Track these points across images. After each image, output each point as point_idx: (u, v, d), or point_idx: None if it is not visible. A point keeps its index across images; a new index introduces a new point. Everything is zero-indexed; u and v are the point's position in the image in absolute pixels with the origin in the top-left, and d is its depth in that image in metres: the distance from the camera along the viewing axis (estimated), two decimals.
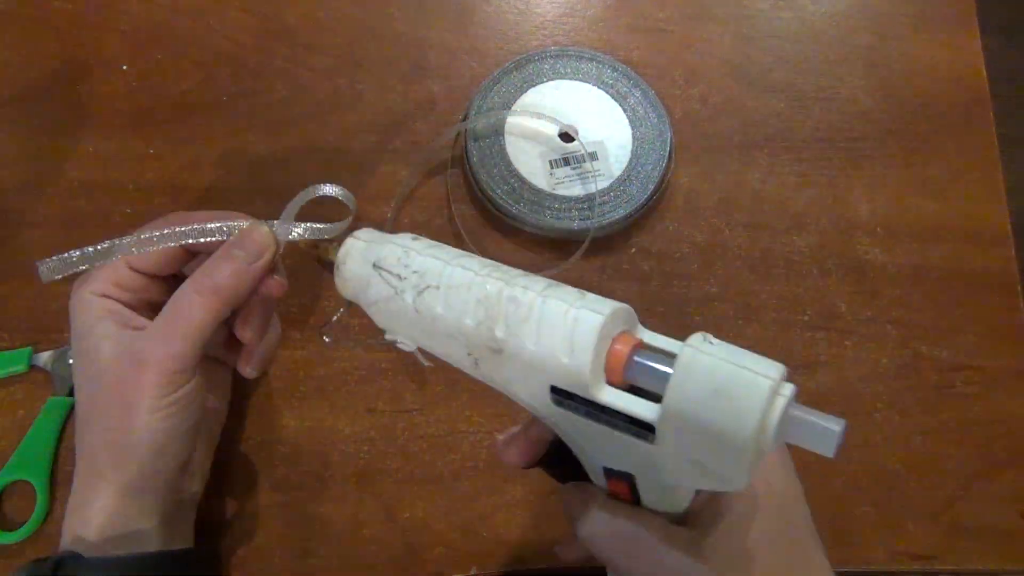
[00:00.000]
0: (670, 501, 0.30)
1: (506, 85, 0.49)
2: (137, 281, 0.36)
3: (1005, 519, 0.44)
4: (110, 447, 0.34)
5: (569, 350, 0.27)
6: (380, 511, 0.41)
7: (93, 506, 0.34)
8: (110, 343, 0.34)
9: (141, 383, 0.33)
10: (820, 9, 0.55)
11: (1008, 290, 0.49)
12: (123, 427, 0.33)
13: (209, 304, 0.33)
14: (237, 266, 0.34)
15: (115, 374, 0.33)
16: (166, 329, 0.33)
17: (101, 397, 0.34)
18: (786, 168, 0.51)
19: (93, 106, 0.48)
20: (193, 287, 0.34)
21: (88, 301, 0.35)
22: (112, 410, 0.34)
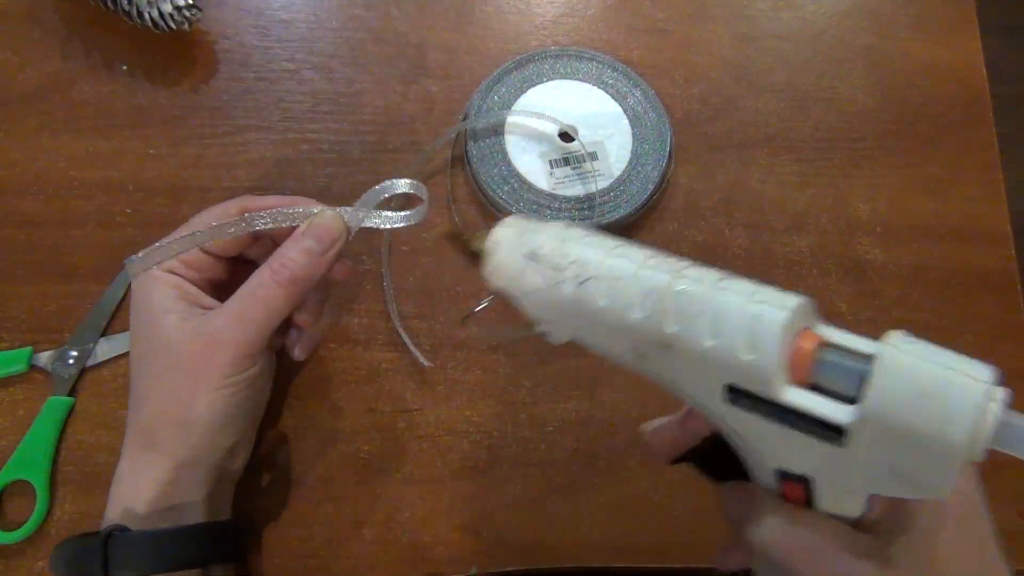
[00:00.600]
0: (847, 506, 0.28)
1: (506, 85, 0.49)
2: (204, 261, 0.37)
3: (1005, 519, 0.44)
4: (171, 421, 0.35)
5: (751, 347, 0.26)
6: (380, 511, 0.41)
7: (145, 477, 0.34)
8: (179, 319, 0.35)
9: (213, 361, 0.34)
10: (820, 9, 0.55)
11: (1008, 290, 0.49)
12: (188, 402, 0.34)
13: (285, 293, 0.35)
14: (311, 256, 0.35)
15: (186, 350, 0.34)
16: (243, 313, 0.35)
17: (167, 372, 0.35)
18: (786, 168, 0.51)
19: (93, 106, 0.48)
20: (271, 277, 0.35)
21: (155, 276, 0.36)
22: (179, 385, 0.34)
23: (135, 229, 0.46)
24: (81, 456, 0.41)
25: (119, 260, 0.44)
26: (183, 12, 0.47)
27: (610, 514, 0.42)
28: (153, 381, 0.35)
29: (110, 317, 0.43)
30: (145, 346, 0.36)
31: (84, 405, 0.42)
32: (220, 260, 0.38)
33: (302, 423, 0.43)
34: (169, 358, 0.35)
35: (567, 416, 0.44)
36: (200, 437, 0.35)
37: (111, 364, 0.43)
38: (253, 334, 0.35)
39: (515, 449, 0.43)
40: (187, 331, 0.35)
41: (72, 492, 0.40)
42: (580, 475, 0.43)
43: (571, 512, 0.42)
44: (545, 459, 0.43)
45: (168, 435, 0.35)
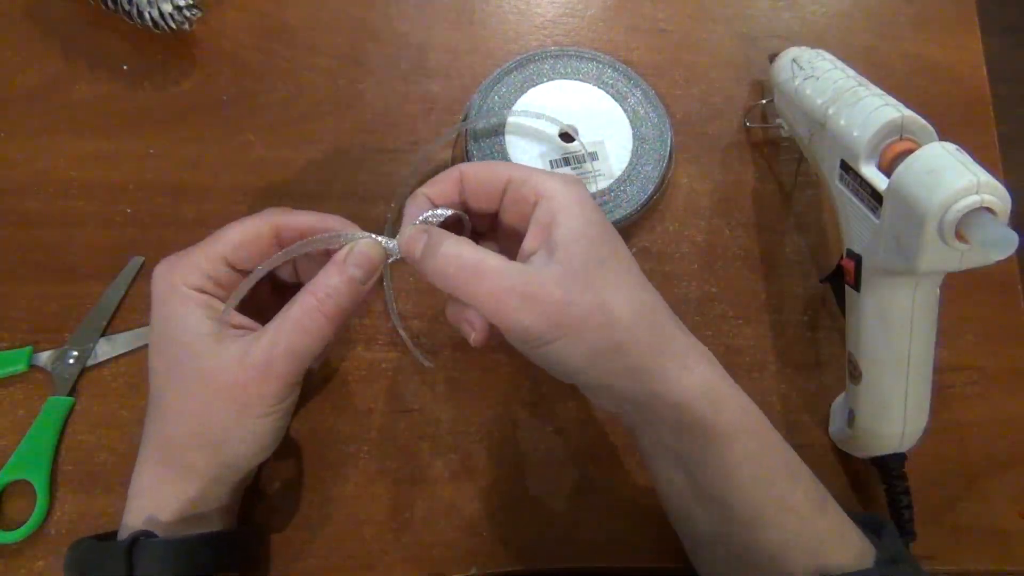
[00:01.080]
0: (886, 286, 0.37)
1: (506, 85, 0.49)
2: (232, 279, 0.36)
3: (1005, 519, 0.44)
4: (205, 443, 0.34)
5: (861, 127, 0.36)
6: (380, 511, 0.41)
7: (169, 492, 0.34)
8: (213, 342, 0.34)
9: (261, 392, 0.33)
10: (820, 9, 0.55)
11: (1008, 290, 0.49)
12: (228, 427, 0.34)
13: (332, 324, 0.34)
14: (355, 285, 0.34)
15: (230, 379, 0.33)
16: (292, 344, 0.33)
17: (203, 395, 0.34)
18: (786, 168, 0.51)
19: (93, 106, 0.48)
20: (318, 307, 0.34)
21: (184, 294, 0.34)
22: (218, 410, 0.34)
23: (135, 229, 0.46)
24: (81, 456, 0.41)
25: (119, 260, 0.45)
26: (183, 12, 0.47)
27: (610, 514, 0.42)
28: (186, 402, 0.34)
29: (110, 317, 0.43)
30: (176, 365, 0.34)
31: (84, 405, 0.42)
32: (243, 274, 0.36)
33: (302, 423, 0.43)
34: (208, 383, 0.34)
35: (567, 416, 0.44)
36: (234, 459, 0.35)
37: (111, 364, 0.43)
38: (301, 365, 0.34)
39: (515, 449, 0.43)
40: (230, 358, 0.33)
41: (72, 492, 0.40)
42: (580, 475, 0.43)
43: (571, 512, 0.42)
44: (545, 459, 0.43)
45: (200, 456, 0.34)
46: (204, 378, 0.34)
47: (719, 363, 0.34)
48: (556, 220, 0.33)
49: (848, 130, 0.37)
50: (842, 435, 0.43)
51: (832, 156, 0.39)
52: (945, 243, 0.31)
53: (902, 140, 0.36)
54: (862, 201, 0.37)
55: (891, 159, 0.35)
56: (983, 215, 0.30)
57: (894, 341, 0.38)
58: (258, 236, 0.35)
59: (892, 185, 0.33)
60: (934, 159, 0.32)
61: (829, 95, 0.39)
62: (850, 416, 0.41)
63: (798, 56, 0.44)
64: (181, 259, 0.35)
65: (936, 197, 0.31)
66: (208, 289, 0.35)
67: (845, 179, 0.38)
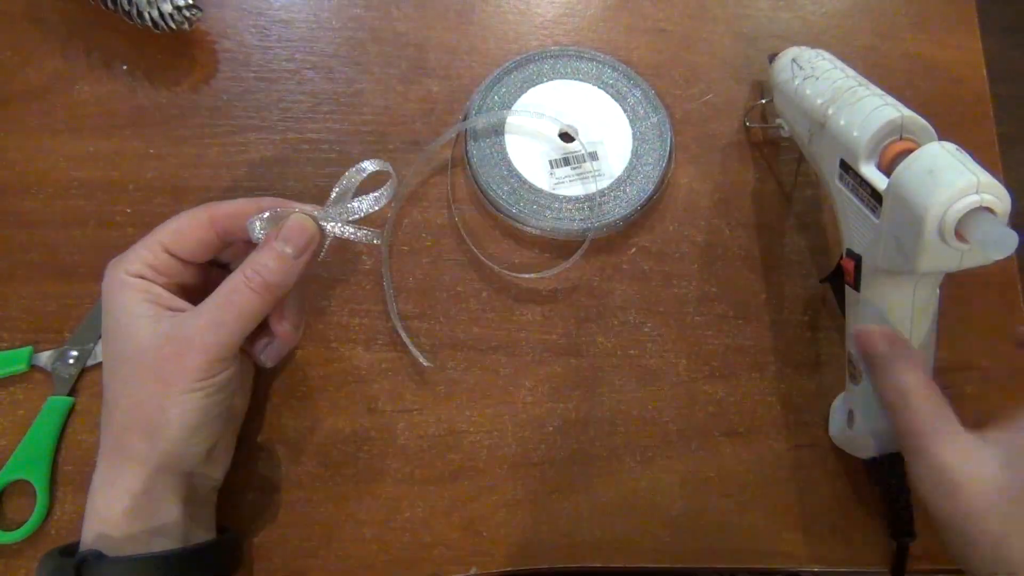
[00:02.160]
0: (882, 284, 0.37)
1: (506, 85, 0.49)
2: (173, 266, 0.37)
3: None
4: (142, 426, 0.34)
5: (861, 127, 0.36)
6: (380, 511, 0.41)
7: (118, 488, 0.34)
8: (149, 323, 0.34)
9: (183, 365, 0.34)
10: (820, 9, 0.55)
11: (1008, 290, 0.49)
12: (159, 406, 0.34)
13: (260, 299, 0.35)
14: (285, 261, 0.36)
15: (155, 354, 0.34)
16: (215, 317, 0.35)
17: (136, 376, 0.34)
18: (786, 168, 0.51)
19: (93, 106, 0.48)
20: (245, 283, 0.35)
21: (124, 281, 0.35)
22: (149, 389, 0.34)
23: (135, 229, 0.46)
24: (81, 456, 0.41)
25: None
26: (183, 12, 0.47)
27: (610, 514, 0.42)
28: (123, 387, 0.35)
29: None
30: (115, 352, 0.35)
31: (84, 405, 0.42)
32: (189, 265, 0.37)
33: (302, 423, 0.43)
34: (139, 363, 0.34)
35: (567, 416, 0.44)
36: (170, 443, 0.34)
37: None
38: (225, 339, 0.34)
39: (515, 449, 0.43)
40: (158, 335, 0.34)
41: (72, 492, 0.40)
42: (580, 475, 0.43)
43: (571, 512, 0.42)
44: (545, 459, 0.43)
45: (138, 442, 0.34)
46: (138, 358, 0.34)
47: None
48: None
49: (848, 130, 0.37)
50: (842, 435, 0.43)
51: (832, 156, 0.39)
52: (945, 243, 0.31)
53: (902, 140, 0.36)
54: (862, 201, 0.37)
55: (891, 159, 0.35)
56: (983, 215, 0.30)
57: None
58: (195, 224, 0.37)
59: (892, 185, 0.33)
60: (934, 159, 0.32)
61: (829, 95, 0.40)
62: (850, 416, 0.41)
63: (798, 56, 0.45)
64: (125, 253, 0.36)
65: (936, 197, 0.31)
66: (148, 276, 0.36)
67: (845, 179, 0.38)
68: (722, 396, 0.45)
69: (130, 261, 0.36)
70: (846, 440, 0.43)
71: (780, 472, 0.44)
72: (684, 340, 0.46)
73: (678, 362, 0.46)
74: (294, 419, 0.43)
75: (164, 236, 0.36)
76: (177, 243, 0.36)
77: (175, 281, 0.37)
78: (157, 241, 0.36)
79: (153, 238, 0.36)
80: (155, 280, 0.36)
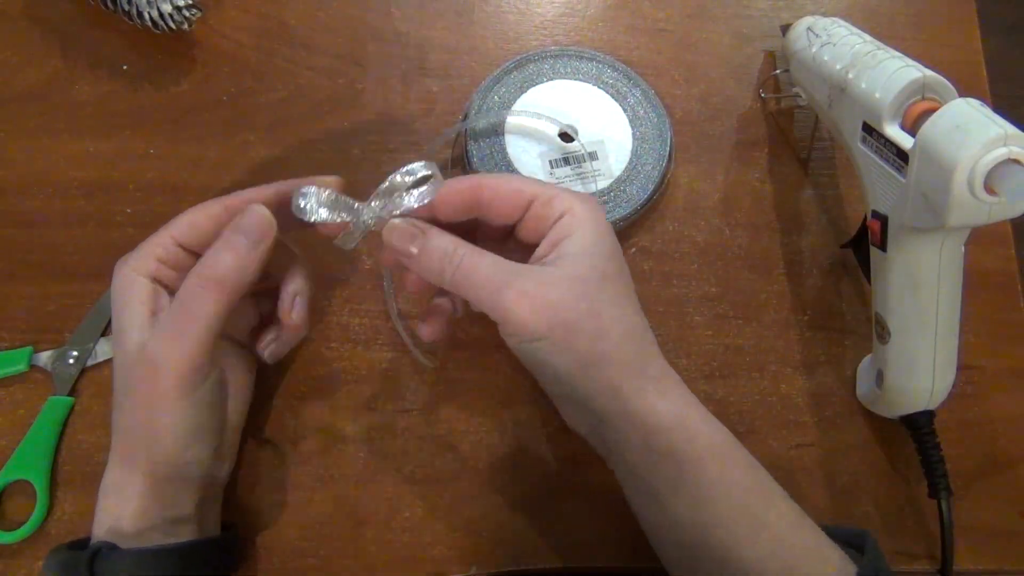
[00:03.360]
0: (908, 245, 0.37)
1: (506, 85, 0.49)
2: (185, 260, 0.35)
3: (1005, 519, 0.44)
4: (139, 437, 0.34)
5: (884, 89, 0.37)
6: (380, 511, 0.41)
7: (129, 492, 0.34)
8: (137, 334, 0.34)
9: (158, 387, 0.33)
10: (820, 9, 0.55)
11: (1008, 290, 0.49)
12: (150, 421, 0.34)
13: (215, 297, 0.33)
14: (238, 253, 0.34)
15: (138, 370, 0.34)
16: (175, 329, 0.33)
17: (128, 386, 0.34)
18: (786, 168, 0.51)
19: (93, 106, 0.48)
20: (196, 282, 0.33)
21: (130, 280, 0.34)
22: (138, 404, 0.34)
23: (135, 229, 0.46)
24: (81, 456, 0.41)
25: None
26: (183, 12, 0.47)
27: (610, 514, 0.42)
28: (121, 395, 0.35)
29: (110, 317, 0.43)
30: (116, 353, 0.35)
31: (84, 405, 0.42)
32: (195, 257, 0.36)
33: (302, 423, 0.43)
34: (128, 374, 0.34)
35: None
36: (167, 454, 0.34)
37: (111, 364, 0.43)
38: (192, 350, 0.33)
39: (515, 449, 0.43)
40: (137, 344, 0.33)
41: (72, 492, 0.40)
42: (580, 475, 0.43)
43: (571, 512, 0.42)
44: (545, 459, 0.43)
45: (140, 451, 0.34)
46: (127, 368, 0.34)
47: (690, 390, 0.35)
48: (571, 233, 0.34)
49: (870, 92, 0.38)
50: (871, 396, 0.44)
51: (854, 119, 0.40)
52: (974, 196, 0.32)
53: (925, 99, 0.36)
54: (886, 161, 0.37)
55: (915, 118, 0.36)
56: (1012, 167, 0.31)
57: (922, 298, 0.38)
58: (208, 216, 0.36)
59: (919, 143, 0.34)
60: (960, 115, 0.33)
61: (848, 60, 0.40)
62: (879, 376, 0.42)
63: (813, 24, 0.45)
64: (135, 250, 0.35)
65: (964, 151, 0.31)
66: (161, 274, 0.35)
67: (868, 141, 0.38)
68: (722, 396, 0.45)
69: (140, 259, 0.35)
70: (875, 401, 0.43)
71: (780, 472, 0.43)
72: (684, 340, 0.46)
73: (678, 362, 0.46)
74: (294, 419, 0.43)
75: (176, 229, 0.35)
76: (190, 236, 0.35)
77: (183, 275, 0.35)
78: (168, 235, 0.35)
79: (164, 232, 0.35)
80: (162, 276, 0.35)
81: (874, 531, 0.37)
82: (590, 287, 0.33)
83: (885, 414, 0.43)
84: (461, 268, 0.34)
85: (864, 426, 0.45)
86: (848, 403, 0.45)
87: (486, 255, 0.34)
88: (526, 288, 0.33)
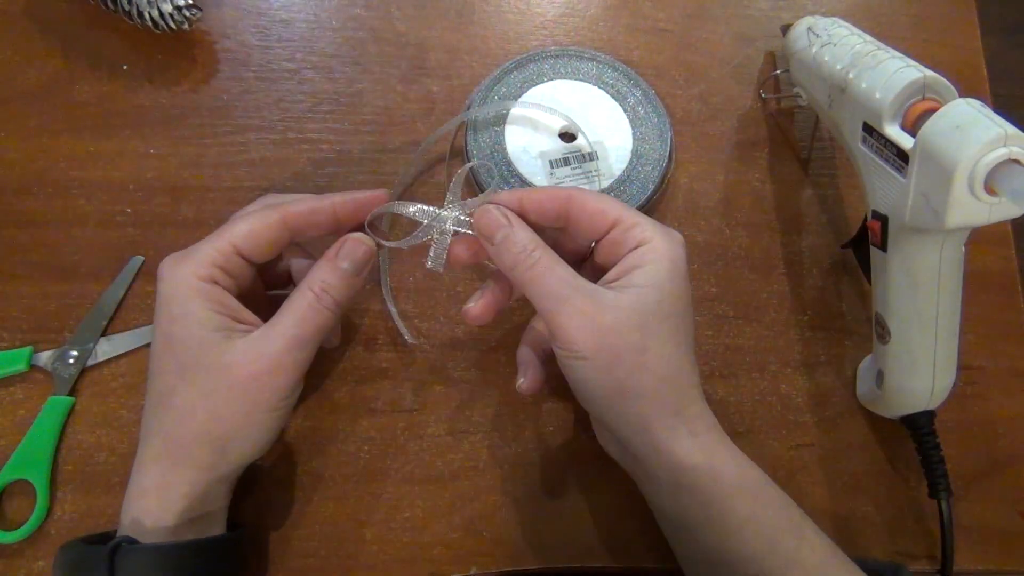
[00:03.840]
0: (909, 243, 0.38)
1: (506, 85, 0.49)
2: (242, 268, 0.36)
3: (1005, 519, 0.44)
4: (216, 438, 0.34)
5: (884, 89, 0.37)
6: (380, 511, 0.41)
7: (176, 493, 0.34)
8: (226, 338, 0.34)
9: (272, 385, 0.34)
10: (820, 9, 0.55)
11: (1008, 290, 0.49)
12: (241, 422, 0.34)
13: (332, 317, 0.36)
14: (348, 279, 0.36)
15: (244, 372, 0.34)
16: (297, 336, 0.35)
17: (219, 392, 0.34)
18: (786, 168, 0.51)
19: (93, 106, 0.48)
20: (317, 301, 0.35)
21: (195, 287, 0.34)
22: (232, 405, 0.34)
23: (135, 229, 0.46)
24: (81, 456, 0.41)
25: (119, 260, 0.45)
26: (183, 12, 0.47)
27: (610, 514, 0.42)
28: (198, 400, 0.34)
29: (110, 317, 0.43)
30: (188, 363, 0.34)
31: (84, 405, 0.42)
32: (251, 267, 0.37)
33: (302, 423, 0.43)
34: (221, 379, 0.34)
35: (567, 416, 0.44)
36: (242, 456, 0.35)
37: (111, 364, 0.43)
38: (307, 358, 0.35)
39: (515, 449, 0.43)
40: (242, 353, 0.34)
41: (72, 492, 0.40)
42: (579, 475, 0.43)
43: (571, 512, 0.42)
44: (545, 459, 0.43)
45: (208, 454, 0.34)
46: (217, 374, 0.34)
47: (722, 429, 0.36)
48: (644, 264, 0.35)
49: (870, 92, 0.38)
50: (871, 396, 0.44)
51: (854, 119, 0.40)
52: (975, 197, 0.32)
53: (925, 99, 0.36)
54: (887, 161, 0.37)
55: (915, 118, 0.36)
56: (1012, 167, 0.31)
57: (922, 298, 0.38)
58: (269, 225, 0.36)
59: (919, 143, 0.34)
60: (961, 114, 0.33)
61: (848, 60, 0.40)
62: (879, 376, 0.42)
63: (813, 24, 0.45)
64: (189, 254, 0.35)
65: (965, 151, 0.31)
66: (220, 280, 0.35)
67: (868, 141, 0.39)
68: (722, 396, 0.45)
69: (199, 264, 0.34)
70: (874, 400, 0.43)
71: (780, 472, 0.44)
72: None
73: None
74: (294, 419, 0.43)
75: (237, 238, 0.35)
76: (250, 245, 0.35)
77: (239, 285, 0.36)
78: (228, 242, 0.35)
79: (223, 239, 0.35)
80: (226, 284, 0.35)
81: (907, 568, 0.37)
82: (647, 320, 0.34)
83: (885, 414, 0.43)
84: (534, 268, 0.34)
85: (864, 426, 0.45)
86: (848, 403, 0.46)
87: (559, 263, 0.35)
88: (584, 307, 0.33)
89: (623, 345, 0.33)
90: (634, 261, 0.35)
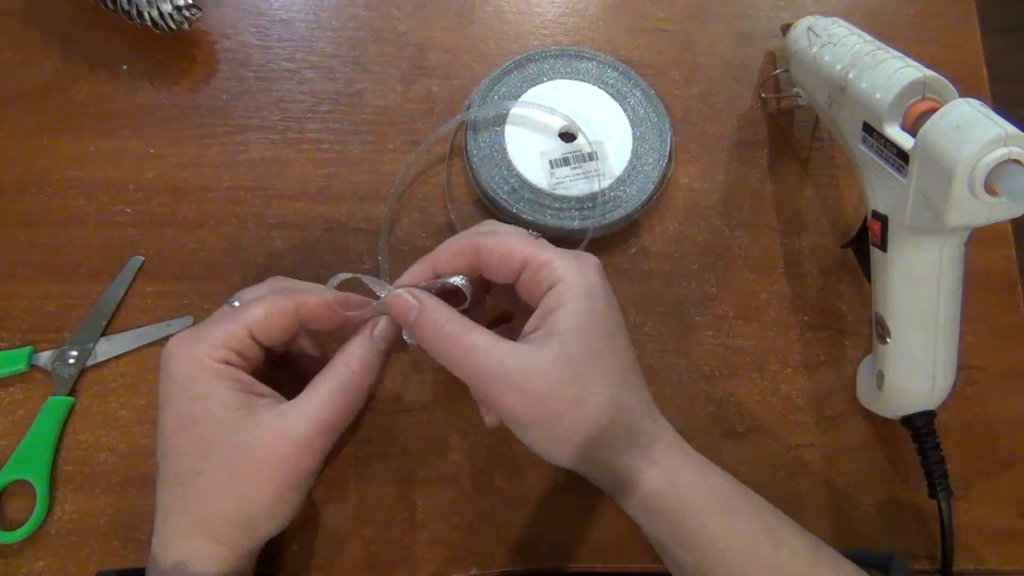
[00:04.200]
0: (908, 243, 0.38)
1: (506, 85, 0.49)
2: (255, 352, 0.35)
3: (1005, 519, 0.44)
4: (245, 516, 0.34)
5: (884, 89, 0.37)
6: (380, 511, 0.41)
7: (215, 563, 0.33)
8: (245, 415, 0.33)
9: (301, 466, 0.33)
10: (820, 9, 0.55)
11: (1008, 290, 0.49)
12: (269, 502, 0.33)
13: (366, 395, 0.36)
14: (383, 359, 0.36)
15: (271, 455, 0.33)
16: (328, 418, 0.34)
17: (243, 472, 0.33)
18: (786, 168, 0.51)
19: (93, 106, 0.48)
20: (363, 380, 0.35)
21: (211, 368, 0.33)
22: (259, 485, 0.33)
23: (135, 229, 0.46)
24: (81, 456, 0.41)
25: (119, 260, 0.45)
26: (183, 12, 0.47)
27: (611, 514, 0.42)
28: (226, 481, 0.33)
29: (110, 317, 0.43)
30: (210, 443, 0.33)
31: (84, 405, 0.42)
32: (262, 349, 0.36)
33: None
34: (248, 459, 0.33)
35: None
36: (269, 532, 0.35)
37: (111, 364, 0.43)
38: (334, 438, 0.35)
39: (515, 449, 0.43)
40: (269, 433, 0.33)
41: (72, 492, 0.40)
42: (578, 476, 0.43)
43: (572, 512, 0.42)
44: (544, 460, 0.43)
45: (238, 531, 0.34)
46: (243, 454, 0.33)
47: (685, 443, 0.36)
48: (562, 306, 0.34)
49: (870, 92, 0.38)
50: (871, 396, 0.44)
51: (854, 119, 0.40)
52: (975, 197, 0.32)
53: (925, 99, 0.36)
54: (887, 161, 0.37)
55: (915, 118, 0.36)
56: (1012, 167, 0.31)
57: (922, 298, 0.38)
58: (283, 312, 0.35)
59: (919, 143, 0.34)
60: (961, 114, 0.33)
61: (848, 59, 0.40)
62: (879, 377, 0.42)
63: (813, 24, 0.45)
64: (202, 336, 0.34)
65: (965, 151, 0.31)
66: (234, 362, 0.34)
67: (868, 141, 0.39)
68: (722, 396, 0.45)
69: (213, 345, 0.34)
70: (874, 401, 0.43)
71: (780, 472, 0.44)
72: (684, 340, 0.46)
73: (678, 362, 0.46)
74: None
75: (253, 323, 0.34)
76: (264, 330, 0.35)
77: (253, 365, 0.35)
78: (244, 326, 0.34)
79: (238, 323, 0.34)
80: (238, 365, 0.34)
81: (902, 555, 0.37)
82: (578, 369, 0.33)
83: (885, 414, 0.43)
84: (453, 349, 0.34)
85: (864, 426, 0.45)
86: (848, 403, 0.46)
87: (476, 331, 0.34)
88: (514, 379, 0.33)
89: (562, 406, 0.33)
90: (550, 304, 0.34)
